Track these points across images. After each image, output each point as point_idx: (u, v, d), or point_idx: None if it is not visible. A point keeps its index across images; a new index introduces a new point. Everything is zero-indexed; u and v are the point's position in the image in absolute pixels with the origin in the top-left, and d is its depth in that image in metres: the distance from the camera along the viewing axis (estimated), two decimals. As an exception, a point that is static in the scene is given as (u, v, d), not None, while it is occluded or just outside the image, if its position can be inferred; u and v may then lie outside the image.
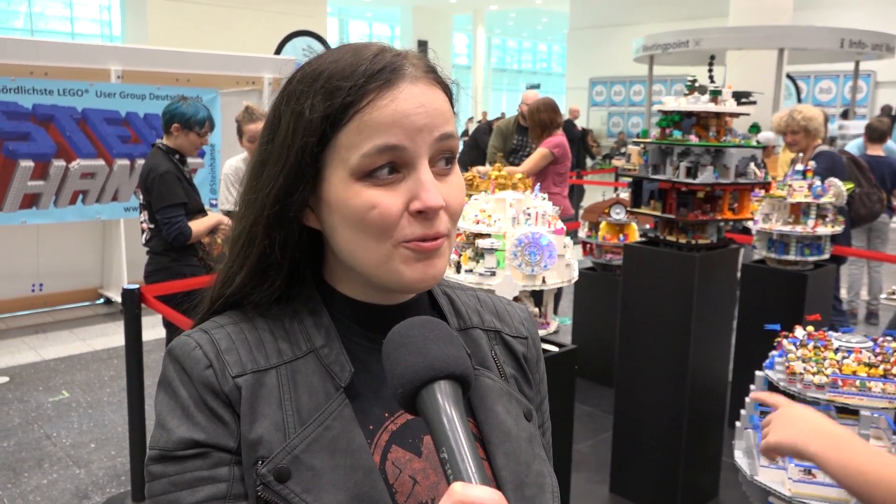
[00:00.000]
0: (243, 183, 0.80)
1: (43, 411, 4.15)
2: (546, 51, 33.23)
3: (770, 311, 3.83)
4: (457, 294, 0.90)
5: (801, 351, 1.93)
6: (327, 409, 0.73)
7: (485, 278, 2.18)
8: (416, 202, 0.71)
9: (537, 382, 0.91)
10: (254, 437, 0.71)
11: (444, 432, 0.59)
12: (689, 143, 2.88)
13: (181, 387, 0.73)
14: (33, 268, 5.93)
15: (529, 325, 0.93)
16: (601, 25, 19.85)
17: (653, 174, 3.00)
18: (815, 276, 3.79)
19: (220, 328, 0.77)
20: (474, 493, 0.54)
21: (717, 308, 3.17)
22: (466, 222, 2.26)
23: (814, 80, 15.77)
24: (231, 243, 0.80)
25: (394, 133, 0.70)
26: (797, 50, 9.01)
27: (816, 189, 3.61)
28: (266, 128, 0.77)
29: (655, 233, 3.15)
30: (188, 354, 0.74)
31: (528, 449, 0.81)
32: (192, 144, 3.49)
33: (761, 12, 9.37)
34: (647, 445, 3.26)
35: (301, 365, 0.75)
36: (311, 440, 0.71)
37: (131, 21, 12.93)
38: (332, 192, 0.73)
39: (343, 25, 25.87)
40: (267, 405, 0.72)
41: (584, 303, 4.90)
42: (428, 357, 0.63)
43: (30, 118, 5.33)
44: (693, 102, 2.93)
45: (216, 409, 0.72)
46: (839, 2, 15.35)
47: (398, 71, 0.73)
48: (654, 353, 3.19)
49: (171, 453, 0.71)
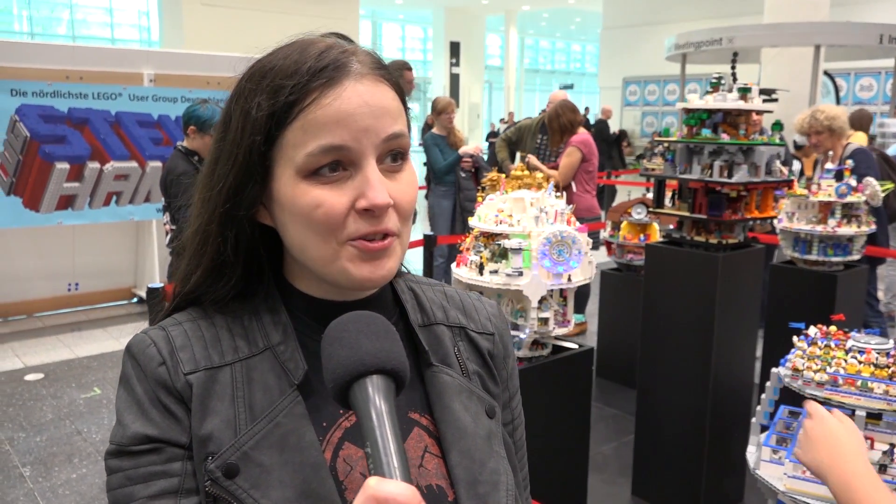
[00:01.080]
0: (200, 181, 0.80)
1: (75, 407, 4.25)
2: (580, 51, 33.02)
3: (800, 312, 3.75)
4: (423, 289, 0.89)
5: (811, 349, 1.90)
6: (278, 406, 0.73)
7: (512, 279, 2.16)
8: (362, 200, 0.71)
9: (504, 379, 0.90)
10: (204, 434, 0.71)
11: (370, 427, 0.59)
12: (721, 142, 2.80)
13: (137, 383, 0.74)
14: (69, 267, 6.08)
15: (497, 321, 0.92)
16: (635, 24, 19.64)
17: (680, 174, 2.95)
18: (845, 277, 3.70)
19: (177, 325, 0.77)
20: (388, 487, 0.54)
21: (741, 309, 3.12)
22: (486, 223, 2.25)
23: (854, 78, 15.39)
24: (188, 242, 0.80)
25: (337, 133, 0.70)
26: (834, 47, 8.80)
27: (840, 188, 3.52)
28: (219, 126, 0.78)
29: (681, 233, 3.10)
30: (143, 351, 0.75)
31: (485, 446, 0.81)
32: (207, 147, 3.55)
33: (797, 8, 9.18)
34: (668, 448, 3.22)
35: (257, 362, 0.75)
36: (260, 437, 0.71)
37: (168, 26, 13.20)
38: (280, 189, 0.73)
39: (376, 28, 26.01)
40: (219, 402, 0.73)
41: (609, 303, 4.85)
42: (359, 352, 0.62)
43: (65, 121, 5.47)
44: (721, 100, 2.87)
45: (169, 406, 0.72)
46: (880, -3, 14.97)
47: (343, 68, 0.72)
48: (676, 355, 3.15)
49: (127, 448, 0.72)
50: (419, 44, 27.58)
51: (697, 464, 3.12)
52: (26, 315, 5.95)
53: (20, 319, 5.89)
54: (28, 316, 5.95)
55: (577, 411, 2.66)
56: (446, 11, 22.75)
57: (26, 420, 4.05)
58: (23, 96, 5.27)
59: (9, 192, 5.36)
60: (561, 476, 2.68)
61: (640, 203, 4.42)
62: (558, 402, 2.53)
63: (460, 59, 23.30)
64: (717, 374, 3.05)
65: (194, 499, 0.71)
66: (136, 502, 0.70)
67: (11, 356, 5.08)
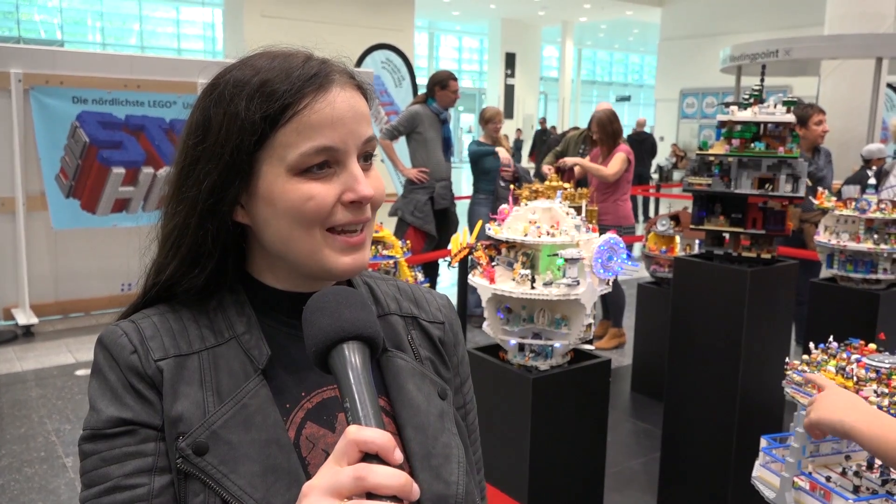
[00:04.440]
0: (171, 184, 0.85)
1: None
2: (638, 62, 32.63)
3: (840, 330, 3.63)
4: (377, 283, 0.97)
5: (816, 354, 1.87)
6: (245, 389, 0.79)
7: (571, 289, 2.16)
8: (350, 193, 0.80)
9: (455, 365, 0.98)
10: (175, 415, 0.77)
11: (348, 384, 0.65)
12: (782, 156, 2.71)
13: (109, 371, 0.79)
14: (124, 268, 6.32)
15: (447, 311, 1.00)
16: (693, 36, 19.33)
17: (728, 188, 2.85)
18: (888, 296, 3.58)
19: (146, 318, 0.84)
20: (366, 433, 0.60)
21: (772, 325, 3.05)
22: (517, 233, 2.22)
23: (923, 91, 14.78)
24: (163, 237, 0.86)
25: (329, 135, 0.78)
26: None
27: (860, 203, 3.45)
28: (193, 130, 0.82)
29: (725, 249, 3.02)
30: (115, 342, 0.81)
31: (438, 423, 0.87)
32: None
33: (860, 19, 8.91)
34: (694, 464, 3.16)
35: (223, 350, 0.81)
36: (228, 417, 0.77)
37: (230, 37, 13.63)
38: (267, 186, 0.79)
39: (433, 39, 26.25)
40: (188, 386, 0.78)
41: (645, 317, 4.80)
42: (340, 319, 0.69)
43: (122, 128, 5.72)
44: (769, 114, 2.82)
45: (142, 391, 0.78)
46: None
47: (328, 76, 0.80)
48: (703, 370, 3.09)
49: (101, 432, 0.77)
50: (475, 55, 27.71)
51: (723, 481, 3.06)
52: (84, 313, 6.21)
53: (77, 317, 6.15)
54: (85, 314, 6.21)
55: (594, 422, 2.64)
56: (502, 23, 22.81)
57: (73, 413, 4.23)
58: (83, 103, 5.53)
59: (68, 195, 5.63)
60: (576, 488, 2.66)
61: (666, 216, 4.44)
62: (574, 412, 2.53)
63: (515, 70, 23.31)
64: (746, 390, 2.99)
65: (167, 477, 0.76)
66: (111, 481, 0.75)
67: (65, 352, 5.32)
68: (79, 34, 20.56)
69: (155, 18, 21.16)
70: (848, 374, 1.72)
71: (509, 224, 2.20)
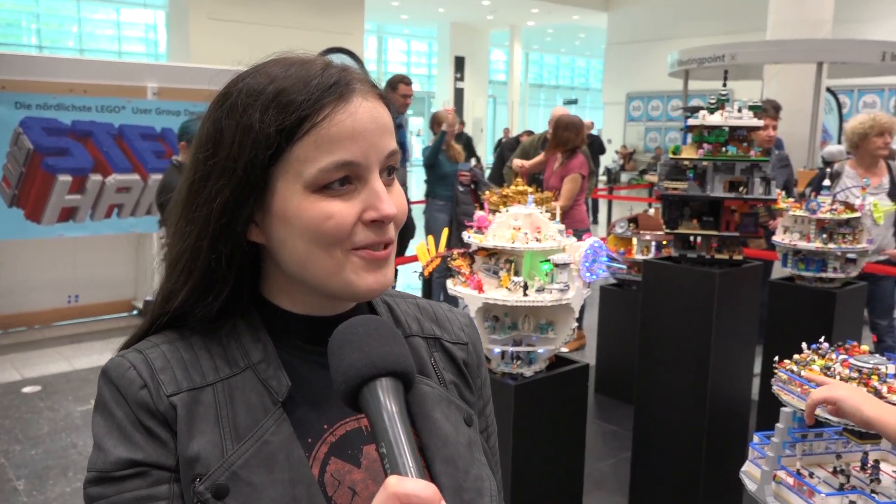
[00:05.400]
0: (182, 198, 0.79)
1: (71, 420, 4.24)
2: (584, 66, 33.12)
3: (799, 329, 3.74)
4: (396, 302, 0.91)
5: (807, 354, 1.91)
6: (265, 425, 0.73)
7: (563, 293, 2.16)
8: (372, 212, 0.74)
9: (479, 387, 0.92)
10: (191, 455, 0.71)
11: (383, 427, 0.61)
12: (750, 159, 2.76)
13: (116, 407, 0.73)
14: (70, 280, 6.09)
15: (470, 331, 0.94)
16: (639, 40, 19.71)
17: (698, 191, 2.87)
18: (844, 295, 3.68)
19: (154, 347, 0.77)
20: (409, 485, 0.56)
21: (739, 325, 3.10)
22: (502, 240, 2.20)
23: (857, 95, 15.40)
24: (171, 260, 0.80)
25: (350, 149, 0.72)
26: (837, 64, 8.82)
27: (811, 204, 3.57)
28: (204, 143, 0.77)
29: (698, 252, 3.04)
30: (122, 375, 0.74)
31: (468, 454, 0.82)
32: None
33: (801, 26, 9.20)
34: (665, 465, 3.19)
35: (238, 381, 0.76)
36: (249, 456, 0.71)
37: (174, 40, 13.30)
38: (282, 204, 0.73)
39: (382, 43, 26.15)
40: (204, 422, 0.73)
41: (608, 319, 4.84)
42: (370, 354, 0.64)
43: (69, 134, 5.50)
44: (737, 118, 2.86)
45: (153, 429, 0.72)
46: (880, 14, 14.99)
47: (349, 85, 0.74)
48: (673, 371, 3.13)
49: (109, 474, 0.71)
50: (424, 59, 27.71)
51: (694, 481, 3.09)
52: (26, 327, 5.95)
53: (20, 331, 5.89)
54: (28, 328, 5.96)
55: (573, 427, 2.64)
56: (451, 27, 22.86)
57: (22, 433, 4.04)
58: (27, 109, 5.30)
59: (11, 204, 5.39)
60: (556, 492, 2.66)
61: (624, 219, 4.50)
62: (554, 418, 2.52)
63: (465, 74, 23.39)
64: (715, 390, 3.03)
65: None
66: None
67: (10, 368, 5.08)
68: (13, 37, 19.80)
69: (94, 20, 20.52)
70: (831, 374, 1.75)
71: (494, 231, 2.17)
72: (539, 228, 2.27)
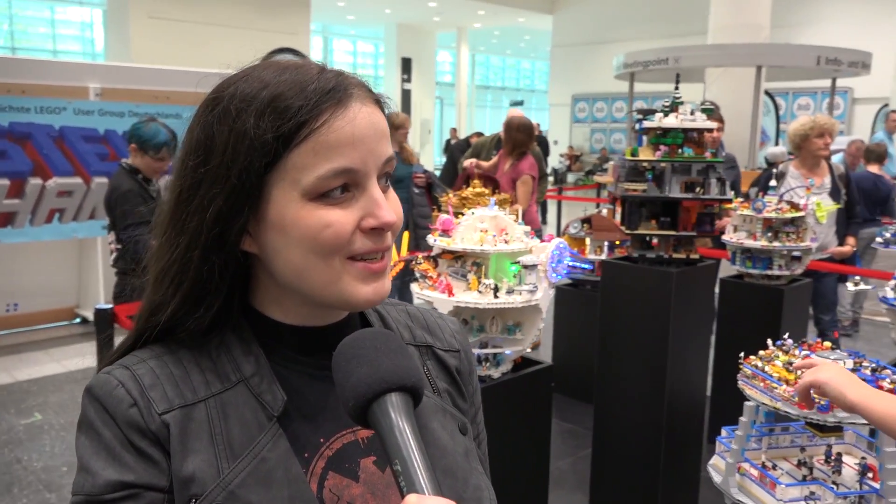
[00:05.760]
0: (169, 208, 0.76)
1: (14, 434, 4.07)
2: (530, 68, 33.47)
3: (748, 325, 3.85)
4: (387, 310, 0.89)
5: (772, 350, 1.97)
6: (261, 441, 0.71)
7: (533, 294, 2.16)
8: (371, 219, 0.72)
9: (471, 394, 0.91)
10: (186, 475, 0.68)
11: (396, 444, 0.59)
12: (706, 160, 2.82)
13: (104, 427, 0.70)
14: (8, 287, 5.84)
15: (461, 338, 0.93)
16: (584, 43, 20.03)
17: (657, 192, 2.92)
18: (791, 291, 3.81)
19: (141, 363, 0.74)
20: (429, 503, 0.55)
21: (695, 323, 3.17)
22: (471, 243, 2.19)
23: (792, 97, 15.96)
24: (158, 271, 0.76)
25: (349, 156, 0.70)
26: (775, 67, 9.13)
27: (757, 203, 3.69)
28: (194, 149, 0.73)
29: (657, 252, 3.09)
30: (110, 394, 0.71)
31: (465, 464, 0.81)
32: (147, 166, 3.48)
33: (739, 30, 9.49)
34: (626, 462, 3.24)
35: (231, 396, 0.73)
36: (246, 474, 0.69)
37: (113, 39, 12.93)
38: (278, 212, 0.71)
39: (327, 43, 25.91)
40: (198, 440, 0.70)
41: (563, 319, 4.90)
42: (380, 369, 0.63)
43: (6, 136, 5.27)
44: (690, 120, 2.92)
45: (144, 449, 0.69)
46: (816, 19, 15.58)
47: (347, 91, 0.72)
48: (632, 370, 3.18)
49: (98, 497, 0.68)
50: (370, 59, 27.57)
51: (654, 477, 3.15)
52: (-38, 337, 5.70)
53: (-45, 342, 5.64)
54: (-36, 338, 5.70)
55: (538, 427, 2.66)
56: (398, 28, 22.82)
57: (-38, 448, 3.86)
58: (-40, 110, 5.07)
59: (-56, 210, 5.14)
60: (522, 492, 2.67)
61: (578, 220, 4.58)
62: (520, 418, 2.53)
63: (412, 76, 23.38)
64: (673, 387, 3.09)
65: None
66: None
67: (-54, 381, 4.85)
68: (-62, 33, 18.93)
69: (26, 18, 19.77)
70: (791, 369, 1.80)
71: (462, 234, 2.17)
72: (503, 230, 2.28)
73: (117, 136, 5.79)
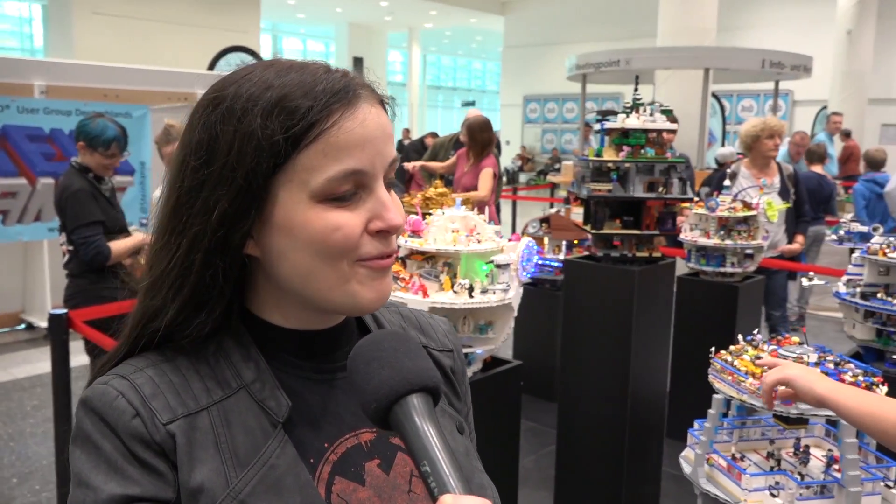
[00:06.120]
0: (168, 210, 0.74)
1: (-40, 445, 3.91)
2: (481, 68, 33.63)
3: (704, 321, 3.95)
4: (381, 312, 0.89)
5: (743, 345, 2.02)
6: (269, 448, 0.70)
7: (506, 293, 2.17)
8: (379, 222, 0.72)
9: (464, 394, 0.93)
10: (194, 486, 0.67)
11: (422, 446, 0.60)
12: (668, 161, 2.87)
13: (103, 440, 0.68)
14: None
15: (453, 338, 0.94)
16: (535, 44, 20.23)
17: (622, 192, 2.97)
18: (745, 288, 3.92)
19: (139, 372, 0.72)
20: (465, 503, 0.55)
21: (656, 320, 3.23)
22: (445, 244, 2.18)
23: (736, 99, 16.43)
24: (156, 275, 0.74)
25: (358, 157, 0.70)
26: (721, 70, 9.37)
27: (710, 203, 3.79)
28: (195, 150, 0.71)
29: (621, 251, 3.13)
30: (109, 405, 0.69)
31: (467, 464, 0.81)
32: (98, 164, 3.37)
33: (687, 33, 9.71)
34: (590, 459, 3.28)
35: (233, 403, 0.72)
36: (256, 482, 0.68)
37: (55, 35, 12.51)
38: (285, 214, 0.70)
39: (276, 42, 25.58)
40: (203, 450, 0.69)
41: (523, 317, 4.93)
42: (402, 371, 0.63)
43: (-55, 135, 5.07)
44: (651, 121, 2.97)
45: (148, 461, 0.67)
46: (759, 24, 16.07)
47: (356, 91, 0.72)
48: (595, 367, 3.23)
49: None
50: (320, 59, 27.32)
51: (617, 472, 3.20)
52: None
53: None
54: None
55: (507, 426, 2.68)
56: (350, 27, 22.69)
57: None
58: None
59: None
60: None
61: (537, 219, 4.65)
62: (490, 417, 2.54)
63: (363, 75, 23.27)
64: (636, 384, 3.14)
65: None
66: None
67: None
68: None
69: (-40, 12, 18.99)
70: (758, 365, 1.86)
71: (434, 234, 2.17)
72: (472, 230, 2.29)
73: (64, 136, 5.61)
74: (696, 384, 3.52)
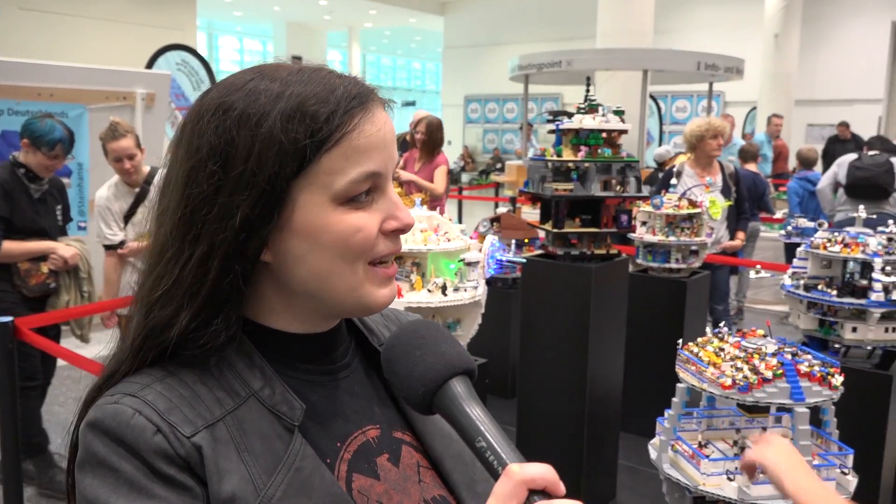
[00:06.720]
0: (177, 218, 0.72)
1: None
2: (420, 69, 33.67)
3: (654, 316, 4.06)
4: None
5: (710, 337, 2.09)
6: (292, 451, 0.70)
7: (476, 290, 2.19)
8: (393, 221, 0.74)
9: None
10: (225, 496, 0.66)
11: (474, 424, 0.64)
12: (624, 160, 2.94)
13: (122, 462, 0.66)
14: None
15: None
16: (475, 45, 20.37)
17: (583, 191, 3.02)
18: (693, 283, 4.05)
19: (146, 388, 0.70)
20: (532, 470, 0.59)
21: (612, 316, 3.31)
22: (416, 244, 2.19)
23: (671, 100, 16.90)
24: (169, 287, 0.72)
25: (376, 159, 0.72)
26: (659, 71, 9.64)
27: (655, 201, 3.94)
28: (208, 156, 0.70)
29: (580, 249, 3.18)
30: (126, 424, 0.67)
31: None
32: (39, 164, 3.31)
33: (624, 35, 9.94)
34: (549, 454, 3.34)
35: (244, 412, 0.71)
36: (286, 485, 0.68)
37: (-23, 31, 11.95)
38: (306, 218, 0.70)
39: (212, 40, 25.05)
40: (227, 460, 0.68)
41: (479, 316, 4.98)
42: (445, 356, 0.67)
43: None
44: (605, 122, 3.04)
45: (174, 476, 0.66)
46: (692, 26, 16.57)
47: (370, 96, 0.74)
48: (554, 364, 3.28)
49: None
50: (258, 58, 26.88)
51: (577, 467, 3.27)
52: None
53: None
54: None
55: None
56: (288, 26, 22.39)
57: None
58: None
59: None
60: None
61: (488, 219, 4.73)
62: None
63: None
64: (593, 379, 3.22)
65: None
66: None
67: None
68: None
69: None
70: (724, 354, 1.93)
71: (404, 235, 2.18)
72: (437, 229, 2.31)
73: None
74: (648, 378, 3.63)
